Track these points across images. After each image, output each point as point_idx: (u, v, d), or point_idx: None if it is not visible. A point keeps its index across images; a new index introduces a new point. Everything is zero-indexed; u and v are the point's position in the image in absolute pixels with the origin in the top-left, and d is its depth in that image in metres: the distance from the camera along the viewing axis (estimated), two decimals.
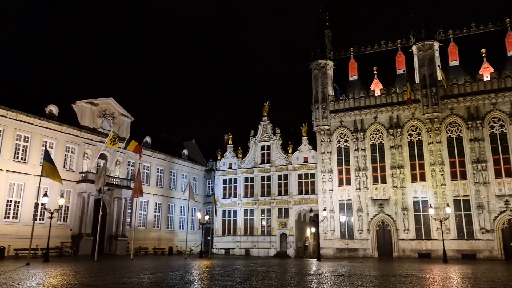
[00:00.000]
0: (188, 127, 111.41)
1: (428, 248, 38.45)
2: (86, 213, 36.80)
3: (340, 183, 43.43)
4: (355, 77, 46.72)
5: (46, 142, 35.64)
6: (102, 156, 40.28)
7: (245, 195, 49.71)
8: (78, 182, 37.53)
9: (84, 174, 37.77)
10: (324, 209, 41.03)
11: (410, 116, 41.83)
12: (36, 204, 29.27)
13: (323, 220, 41.21)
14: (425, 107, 40.59)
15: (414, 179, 40.59)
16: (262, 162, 49.75)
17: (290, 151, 48.09)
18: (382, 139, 42.61)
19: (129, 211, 41.95)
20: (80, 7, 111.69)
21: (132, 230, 35.66)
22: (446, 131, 40.36)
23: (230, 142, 52.58)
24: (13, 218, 32.76)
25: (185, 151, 53.35)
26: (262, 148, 50.20)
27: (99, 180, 30.02)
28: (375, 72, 44.41)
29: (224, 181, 51.51)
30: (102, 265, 22.72)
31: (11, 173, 32.95)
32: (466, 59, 41.85)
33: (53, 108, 37.21)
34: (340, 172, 43.68)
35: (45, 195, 26.98)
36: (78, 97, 40.75)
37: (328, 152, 44.23)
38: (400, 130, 41.78)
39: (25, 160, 34.24)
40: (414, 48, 42.84)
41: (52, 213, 26.79)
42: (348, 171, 43.31)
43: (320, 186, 44.00)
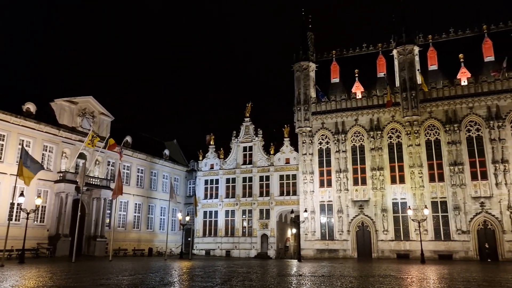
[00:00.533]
0: (170, 127, 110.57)
1: (407, 248, 39.09)
2: (64, 214, 36.10)
3: (321, 184, 43.78)
4: (337, 80, 47.19)
5: (23, 140, 34.80)
6: (81, 156, 39.57)
7: (227, 196, 49.60)
8: (56, 182, 36.80)
9: (62, 174, 37.05)
10: (305, 210, 41.30)
11: (390, 118, 42.48)
12: (12, 204, 28.61)
13: (304, 221, 41.45)
14: (405, 110, 41.28)
15: (393, 181, 41.22)
16: (244, 163, 49.74)
17: (272, 152, 48.23)
18: (362, 141, 43.14)
19: (109, 211, 41.34)
20: (56, 5, 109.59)
21: (111, 231, 35.15)
22: (425, 134, 41.15)
23: (212, 142, 52.39)
24: None
25: (166, 151, 52.90)
26: (244, 149, 50.19)
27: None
28: (357, 75, 44.96)
29: (206, 181, 51.29)
30: (80, 267, 22.30)
31: None
32: (444, 63, 42.78)
33: (31, 106, 36.39)
34: (321, 174, 44.03)
35: (21, 195, 26.37)
36: (57, 95, 39.92)
37: (309, 154, 44.52)
38: (380, 132, 42.38)
39: (0, 159, 33.38)
40: (394, 52, 43.55)
41: (28, 214, 26.19)
42: (329, 173, 43.70)
43: (302, 187, 44.25)
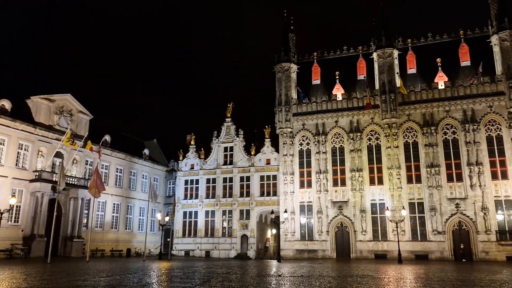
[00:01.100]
0: (150, 127, 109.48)
1: (384, 249, 39.69)
2: (39, 214, 35.29)
3: (301, 185, 44.04)
4: (318, 81, 47.57)
5: None
6: (58, 155, 38.78)
7: (207, 196, 49.38)
8: (32, 181, 35.94)
9: (38, 173, 36.21)
10: (285, 211, 41.47)
11: (369, 121, 43.07)
12: None
13: (284, 222, 41.62)
14: (384, 112, 41.93)
15: (372, 182, 41.80)
16: (225, 163, 49.62)
17: (253, 153, 48.26)
18: (342, 143, 43.61)
19: (86, 211, 40.64)
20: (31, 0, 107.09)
21: (89, 231, 34.57)
22: (403, 136, 41.88)
23: (192, 142, 52.07)
24: None
25: (146, 151, 52.32)
26: (225, 149, 50.08)
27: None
28: (337, 77, 45.43)
29: (186, 182, 50.95)
30: (56, 268, 21.83)
31: None
32: (423, 67, 43.65)
33: (6, 103, 35.47)
34: (301, 175, 44.30)
35: None
36: (34, 93, 39.00)
37: (290, 155, 44.74)
38: (360, 134, 42.92)
39: None
40: (374, 55, 44.19)
41: (2, 213, 25.52)
42: (309, 174, 44.01)
43: (282, 188, 44.43)
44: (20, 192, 35.20)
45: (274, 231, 48.63)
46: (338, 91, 45.04)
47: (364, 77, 44.98)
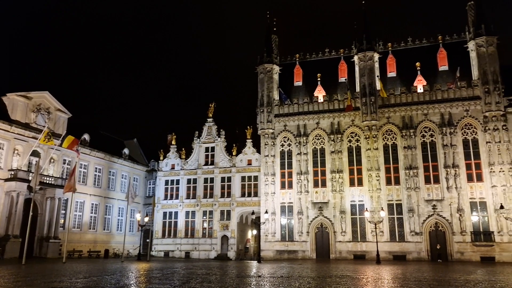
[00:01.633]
0: (130, 126, 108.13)
1: (363, 249, 40.18)
2: (14, 214, 34.40)
3: (283, 186, 44.21)
4: (300, 83, 47.86)
5: None
6: (35, 154, 37.90)
7: (187, 197, 49.06)
8: (7, 180, 35.02)
9: (13, 172, 35.31)
10: (266, 212, 41.55)
11: (350, 123, 43.56)
12: None
13: (264, 223, 41.69)
14: (364, 115, 42.46)
15: (352, 183, 42.27)
16: (206, 163, 49.39)
17: (234, 153, 48.18)
18: (323, 144, 43.97)
19: (63, 211, 39.84)
20: None
21: (66, 231, 33.87)
22: (383, 139, 42.50)
23: (173, 142, 51.64)
24: None
25: (125, 150, 51.63)
26: (206, 149, 49.85)
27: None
28: (319, 79, 45.80)
29: (166, 182, 50.50)
30: (31, 269, 21.32)
31: None
32: (402, 71, 44.40)
33: None
34: (282, 175, 44.47)
35: None
36: (10, 90, 38.00)
37: (271, 156, 44.86)
38: (340, 136, 43.35)
39: None
40: (355, 58, 44.72)
41: None
42: (290, 175, 44.21)
43: (263, 189, 44.50)
44: None
45: (254, 231, 48.66)
46: (320, 93, 45.41)
47: (345, 79, 45.46)
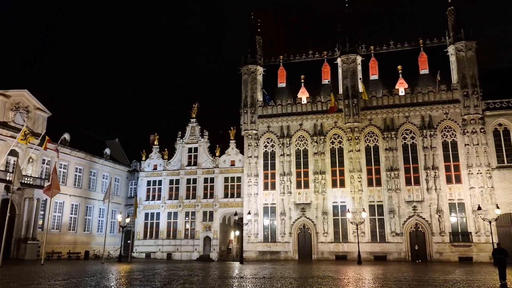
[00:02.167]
0: (112, 125, 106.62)
1: (345, 250, 40.53)
2: None
3: (265, 187, 44.27)
4: (284, 84, 48.03)
5: None
6: (13, 153, 37.05)
7: (170, 198, 48.65)
8: None
9: None
10: (249, 213, 41.54)
11: (333, 124, 43.92)
12: None
13: (247, 224, 41.68)
14: (346, 116, 42.88)
15: (334, 184, 42.61)
16: (189, 164, 49.09)
17: (217, 154, 48.02)
18: (306, 146, 44.21)
19: (42, 212, 39.02)
20: None
21: (44, 233, 33.18)
22: (365, 140, 42.99)
23: (156, 142, 51.16)
24: None
25: (107, 150, 50.91)
26: (189, 150, 49.55)
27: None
28: (303, 80, 46.06)
29: (148, 182, 49.99)
30: (8, 271, 20.81)
31: None
32: (384, 74, 45.01)
33: None
34: (265, 176, 44.54)
35: None
36: None
37: (255, 156, 44.88)
38: (323, 137, 43.66)
39: None
40: (339, 60, 45.12)
41: None
42: (273, 176, 44.30)
43: (246, 190, 44.47)
44: None
45: (237, 232, 48.57)
46: (303, 95, 45.66)
47: (329, 81, 45.83)
